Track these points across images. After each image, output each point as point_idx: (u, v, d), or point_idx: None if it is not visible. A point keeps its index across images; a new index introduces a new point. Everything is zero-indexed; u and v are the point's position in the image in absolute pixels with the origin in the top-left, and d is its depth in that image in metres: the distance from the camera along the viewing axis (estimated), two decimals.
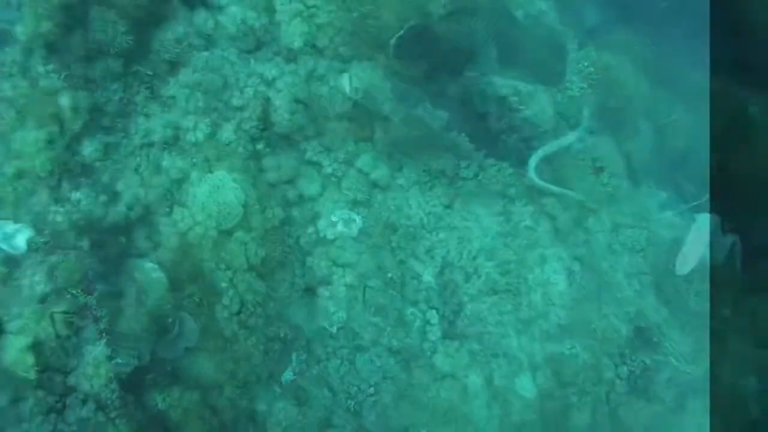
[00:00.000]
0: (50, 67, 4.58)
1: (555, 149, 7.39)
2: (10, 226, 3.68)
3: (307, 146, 5.64)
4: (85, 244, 3.84)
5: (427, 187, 6.27)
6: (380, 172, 5.86)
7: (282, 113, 5.54)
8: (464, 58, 7.47)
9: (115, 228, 4.53)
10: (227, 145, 5.32)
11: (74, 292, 3.64)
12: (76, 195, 4.60)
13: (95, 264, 3.92)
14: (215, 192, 5.07)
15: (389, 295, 5.89)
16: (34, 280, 3.51)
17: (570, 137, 7.57)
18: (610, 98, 10.06)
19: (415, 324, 5.90)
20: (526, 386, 6.41)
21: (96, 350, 3.74)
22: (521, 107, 6.35)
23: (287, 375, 5.23)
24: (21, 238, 3.64)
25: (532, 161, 7.38)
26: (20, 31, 4.33)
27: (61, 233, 3.82)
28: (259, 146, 5.56)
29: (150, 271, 4.32)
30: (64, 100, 4.58)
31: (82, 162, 4.73)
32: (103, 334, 3.85)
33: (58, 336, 3.60)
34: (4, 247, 3.57)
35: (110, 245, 4.29)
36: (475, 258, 6.20)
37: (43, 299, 3.54)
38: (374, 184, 5.92)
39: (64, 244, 3.80)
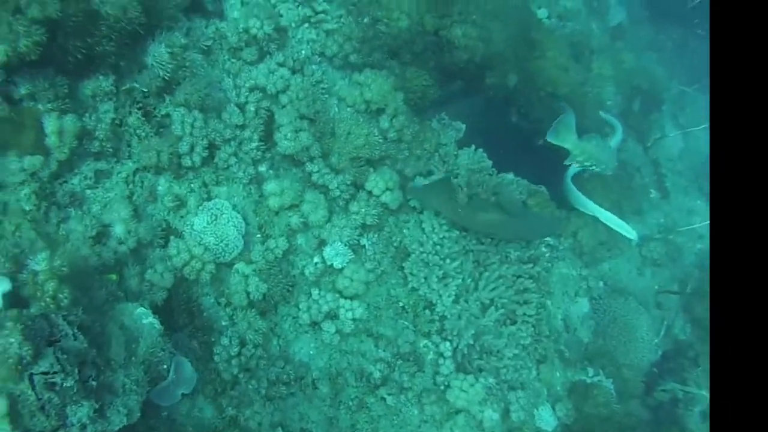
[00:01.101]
0: (32, 89, 4.18)
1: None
2: None
3: (313, 168, 5.23)
4: (65, 295, 3.44)
5: None
6: (392, 195, 5.45)
7: (285, 132, 5.14)
8: (483, 67, 7.04)
9: (104, 267, 4.18)
10: (227, 168, 4.94)
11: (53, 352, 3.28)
12: (64, 228, 4.28)
13: (79, 314, 3.55)
14: (213, 222, 4.70)
15: (400, 326, 5.53)
16: (9, 341, 3.15)
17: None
18: (635, 101, 9.57)
19: (428, 357, 5.54)
20: (545, 419, 6.05)
21: (80, 411, 3.40)
22: (590, 166, 6.29)
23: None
24: None
25: (570, 174, 6.94)
26: None
27: (42, 284, 3.44)
28: (262, 168, 5.17)
29: (141, 317, 3.97)
30: (49, 126, 4.20)
31: (71, 191, 4.36)
32: (89, 392, 3.49)
33: (38, 398, 3.25)
34: None
35: (97, 288, 3.94)
36: (494, 287, 5.80)
37: (20, 359, 3.17)
38: (385, 207, 5.52)
39: (42, 296, 3.42)
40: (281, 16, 5.59)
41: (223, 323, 4.70)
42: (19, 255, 3.69)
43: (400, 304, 5.56)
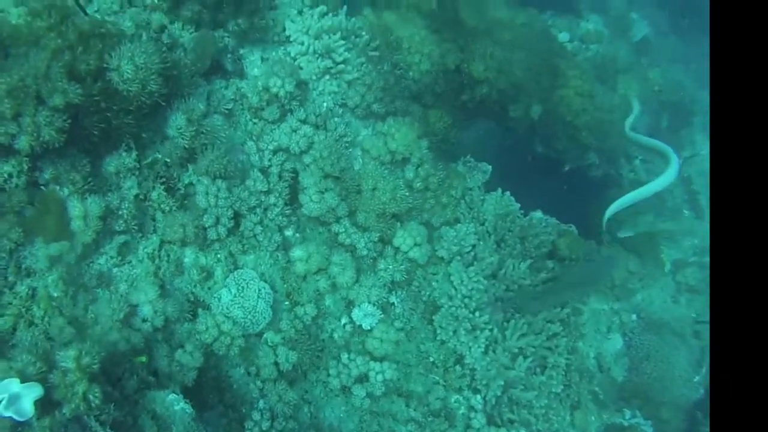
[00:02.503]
0: (55, 172, 4.17)
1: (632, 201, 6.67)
2: (15, 386, 3.30)
3: (339, 228, 5.15)
4: (96, 395, 3.42)
5: (470, 257, 5.75)
6: (420, 251, 5.36)
7: (311, 194, 5.07)
8: (505, 100, 6.91)
9: (133, 351, 4.17)
10: (252, 237, 4.89)
11: None
12: (92, 310, 4.27)
13: (111, 412, 3.53)
14: (240, 294, 4.66)
15: (431, 381, 5.45)
16: None
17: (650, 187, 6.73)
18: (663, 118, 9.34)
19: (460, 412, 5.46)
20: None
21: None
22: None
23: None
24: (28, 400, 3.27)
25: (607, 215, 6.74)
26: (22, 141, 3.91)
27: (72, 385, 3.42)
28: (288, 233, 5.11)
29: (172, 403, 3.95)
30: (74, 210, 4.18)
31: (98, 271, 4.36)
32: None
33: None
34: (9, 414, 3.21)
35: (127, 378, 3.92)
36: (521, 335, 5.68)
37: None
38: (413, 262, 5.43)
39: (73, 397, 3.41)
40: (301, 68, 5.50)
41: (254, 395, 4.67)
42: (48, 350, 3.67)
43: (431, 359, 5.48)
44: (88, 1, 4.93)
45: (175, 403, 3.98)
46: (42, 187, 4.24)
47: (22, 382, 3.37)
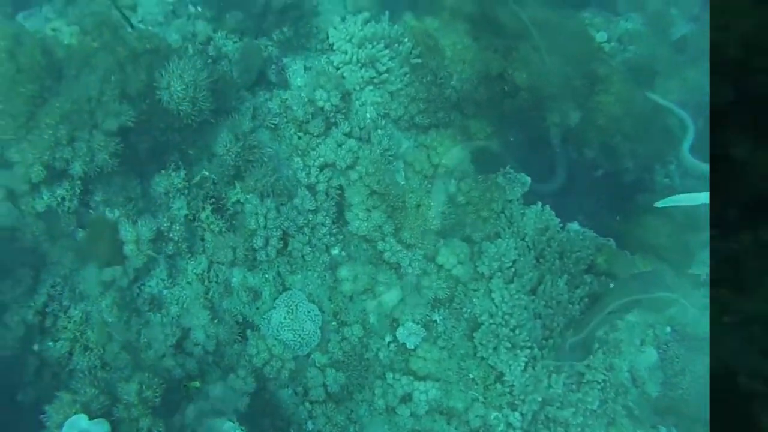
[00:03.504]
0: (106, 195, 4.12)
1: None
2: (84, 422, 3.31)
3: (385, 246, 5.10)
4: (160, 429, 3.43)
5: (510, 273, 5.70)
6: (463, 268, 5.31)
7: (357, 212, 5.01)
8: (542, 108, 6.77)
9: (188, 376, 4.16)
10: (301, 257, 4.84)
11: None
12: (145, 334, 4.25)
13: None
14: (290, 316, 4.63)
15: (470, 397, 5.46)
16: None
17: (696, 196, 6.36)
18: (699, 119, 9.17)
19: (498, 428, 5.47)
20: None
21: None
22: None
23: None
24: None
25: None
26: (76, 166, 3.85)
27: (137, 419, 3.43)
28: (334, 251, 5.06)
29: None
30: (126, 235, 4.14)
31: (150, 294, 4.33)
32: None
33: None
34: None
35: (185, 406, 3.93)
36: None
37: None
38: (455, 278, 5.39)
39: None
40: (344, 78, 5.39)
41: (302, 417, 4.68)
42: (109, 382, 3.67)
43: (471, 376, 5.46)
44: (132, 12, 4.82)
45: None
46: (90, 211, 4.19)
47: (88, 416, 3.38)
